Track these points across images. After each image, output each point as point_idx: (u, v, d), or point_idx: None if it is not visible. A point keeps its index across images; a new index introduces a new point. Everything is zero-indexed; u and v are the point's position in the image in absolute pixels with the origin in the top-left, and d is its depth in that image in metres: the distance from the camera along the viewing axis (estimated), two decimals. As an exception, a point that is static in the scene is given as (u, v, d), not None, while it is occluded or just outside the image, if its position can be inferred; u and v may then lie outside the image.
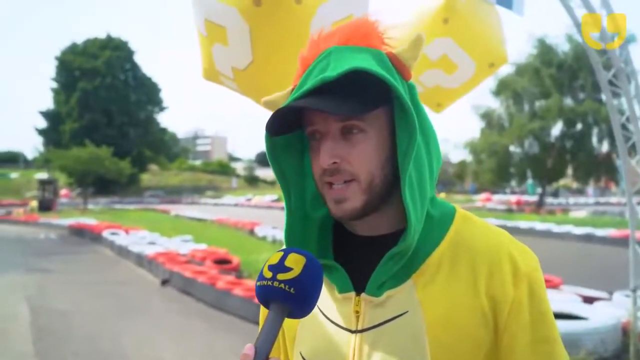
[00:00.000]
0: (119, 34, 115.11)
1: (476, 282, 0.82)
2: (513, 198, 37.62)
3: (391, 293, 0.84)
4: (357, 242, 0.91)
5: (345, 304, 0.87)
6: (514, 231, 20.23)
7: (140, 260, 11.77)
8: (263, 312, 0.99)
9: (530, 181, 39.50)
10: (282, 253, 0.76)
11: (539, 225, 19.33)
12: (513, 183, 42.12)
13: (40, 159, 58.03)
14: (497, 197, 40.64)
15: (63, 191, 45.17)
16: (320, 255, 0.90)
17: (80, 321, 7.24)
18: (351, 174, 0.83)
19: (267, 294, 0.74)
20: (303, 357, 0.91)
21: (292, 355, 0.96)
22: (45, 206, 34.23)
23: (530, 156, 33.04)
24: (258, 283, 0.75)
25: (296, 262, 0.74)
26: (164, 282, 9.60)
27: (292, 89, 0.89)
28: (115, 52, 63.08)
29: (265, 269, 0.75)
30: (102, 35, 68.39)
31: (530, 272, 0.84)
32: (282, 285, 0.72)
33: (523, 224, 20.01)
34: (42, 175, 42.98)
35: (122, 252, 13.52)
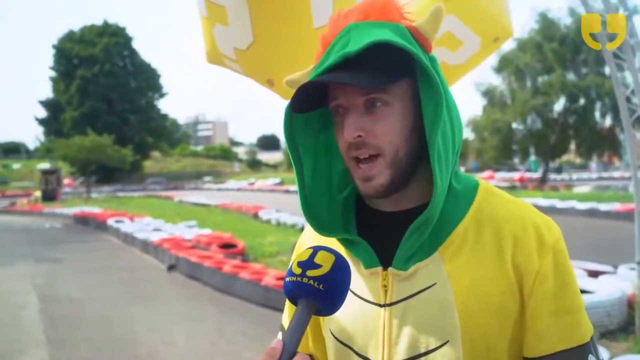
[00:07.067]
0: (116, 21, 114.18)
1: (502, 253, 0.83)
2: (516, 175, 37.52)
3: (419, 266, 0.85)
4: (380, 218, 0.92)
5: (372, 279, 0.88)
6: (518, 208, 20.21)
7: (146, 246, 11.84)
8: (290, 307, 0.99)
9: (533, 158, 39.39)
10: (311, 250, 0.77)
11: (543, 202, 19.20)
12: (516, 160, 42.01)
13: (42, 148, 57.99)
14: (500, 175, 40.53)
15: (66, 180, 45.31)
16: (344, 231, 0.91)
17: (91, 308, 7.31)
18: (376, 148, 0.83)
19: (296, 290, 0.74)
20: (334, 335, 0.92)
21: (314, 337, 0.98)
22: (49, 196, 34.40)
23: (532, 133, 32.87)
24: (287, 279, 0.75)
25: (325, 260, 0.75)
26: (171, 268, 9.67)
27: (313, 68, 0.89)
28: (113, 38, 62.62)
29: (295, 265, 0.76)
30: (99, 22, 67.80)
31: (555, 242, 0.84)
32: (311, 281, 0.73)
33: (526, 200, 19.96)
34: (44, 165, 42.99)
35: (128, 239, 13.59)
